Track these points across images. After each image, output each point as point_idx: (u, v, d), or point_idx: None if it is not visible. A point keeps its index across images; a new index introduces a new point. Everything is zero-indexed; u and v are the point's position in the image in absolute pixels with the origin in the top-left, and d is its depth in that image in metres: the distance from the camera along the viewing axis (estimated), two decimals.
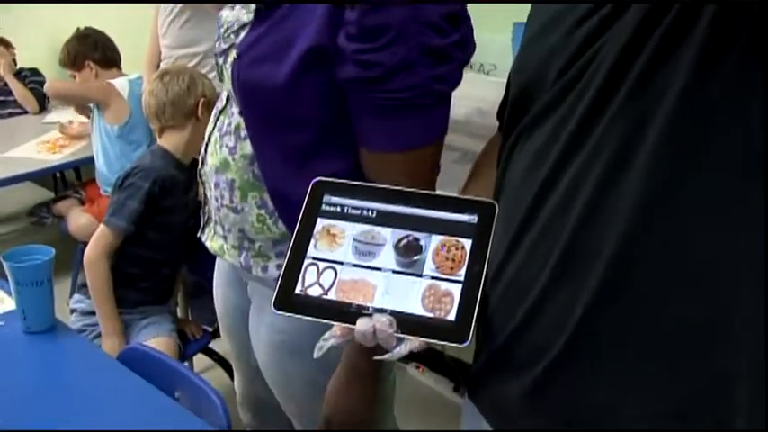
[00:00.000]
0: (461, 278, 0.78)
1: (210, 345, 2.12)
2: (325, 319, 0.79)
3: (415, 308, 0.77)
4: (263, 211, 1.21)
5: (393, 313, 0.77)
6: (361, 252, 0.81)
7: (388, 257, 0.80)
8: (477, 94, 1.33)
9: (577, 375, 0.72)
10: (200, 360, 2.36)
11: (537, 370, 0.74)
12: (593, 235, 0.70)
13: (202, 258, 2.15)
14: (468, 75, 1.06)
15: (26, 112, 3.61)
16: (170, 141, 1.98)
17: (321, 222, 0.84)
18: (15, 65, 3.69)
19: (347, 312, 0.79)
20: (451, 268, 0.78)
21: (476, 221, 0.80)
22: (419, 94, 1.03)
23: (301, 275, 0.82)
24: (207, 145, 1.30)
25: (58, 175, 3.88)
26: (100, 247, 1.88)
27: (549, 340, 0.73)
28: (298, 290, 0.81)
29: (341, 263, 0.81)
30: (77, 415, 1.25)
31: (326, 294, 0.80)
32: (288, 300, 0.82)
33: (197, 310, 2.51)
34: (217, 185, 1.25)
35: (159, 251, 1.99)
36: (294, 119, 1.13)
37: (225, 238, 1.30)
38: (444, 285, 0.78)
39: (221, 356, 2.15)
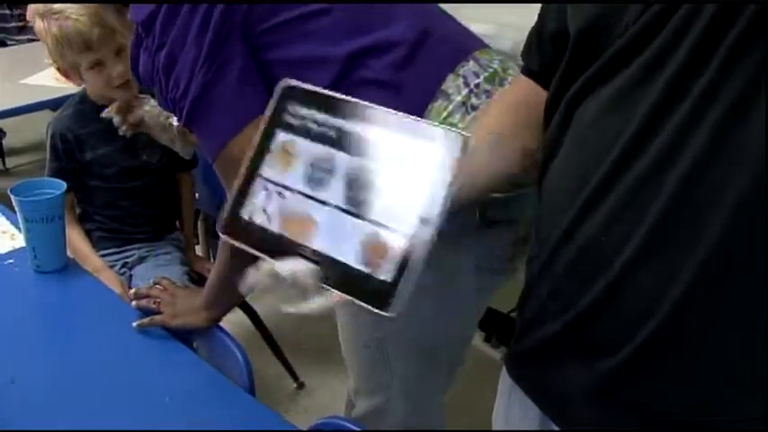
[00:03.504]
0: (411, 230, 0.63)
1: None
2: (263, 252, 0.69)
3: (351, 257, 0.64)
4: None
5: (325, 260, 0.65)
6: (313, 179, 0.69)
7: (337, 190, 0.67)
8: (524, 24, 1.21)
9: (666, 371, 0.61)
10: None
11: (612, 362, 0.63)
12: (704, 194, 0.58)
13: (216, 193, 2.07)
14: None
15: None
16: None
17: (280, 136, 0.72)
18: None
19: (284, 250, 0.68)
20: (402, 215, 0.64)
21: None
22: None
23: (250, 196, 0.72)
24: None
25: None
26: None
27: (633, 325, 0.61)
28: (245, 213, 0.72)
29: (290, 189, 0.70)
30: (88, 361, 1.19)
31: (269, 224, 0.70)
32: (235, 224, 0.73)
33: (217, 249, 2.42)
34: None
35: (117, 197, 1.86)
36: None
37: None
38: (389, 236, 0.63)
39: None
